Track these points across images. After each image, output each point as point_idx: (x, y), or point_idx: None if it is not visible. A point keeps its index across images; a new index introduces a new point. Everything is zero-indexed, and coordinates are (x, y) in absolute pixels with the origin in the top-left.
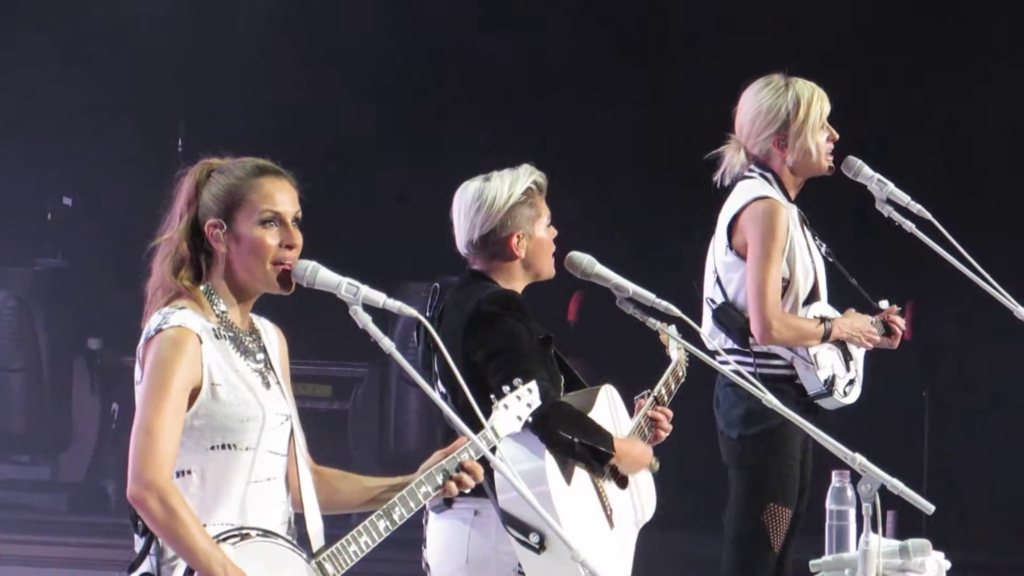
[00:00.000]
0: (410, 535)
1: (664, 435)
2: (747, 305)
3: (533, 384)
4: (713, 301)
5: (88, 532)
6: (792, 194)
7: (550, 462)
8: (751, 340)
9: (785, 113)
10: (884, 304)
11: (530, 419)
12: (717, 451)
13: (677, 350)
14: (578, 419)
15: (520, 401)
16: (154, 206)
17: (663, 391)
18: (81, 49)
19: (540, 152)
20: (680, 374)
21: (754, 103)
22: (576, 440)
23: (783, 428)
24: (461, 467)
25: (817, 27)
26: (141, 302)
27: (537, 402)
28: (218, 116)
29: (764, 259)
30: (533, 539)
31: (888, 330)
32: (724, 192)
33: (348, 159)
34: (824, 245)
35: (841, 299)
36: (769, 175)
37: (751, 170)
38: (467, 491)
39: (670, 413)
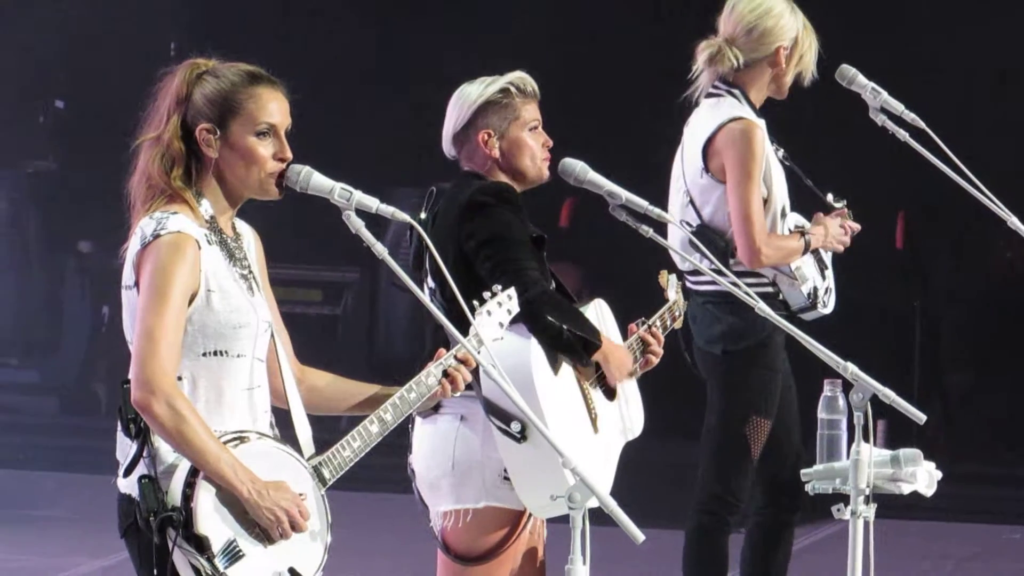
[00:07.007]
0: (399, 440)
1: (655, 360)
2: (726, 227)
3: (512, 291)
4: (689, 224)
5: (78, 435)
6: (757, 108)
7: (536, 359)
8: (731, 260)
9: (796, 31)
10: (831, 198)
11: (520, 307)
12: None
13: (676, 292)
14: (568, 308)
15: (501, 308)
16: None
17: (657, 323)
18: None
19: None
20: (676, 314)
21: (765, 11)
22: (565, 327)
23: (768, 342)
24: (456, 360)
25: None
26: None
27: (516, 308)
28: (212, 19)
29: (746, 183)
30: (515, 427)
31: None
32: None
33: (339, 67)
34: (781, 149)
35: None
36: (737, 91)
37: (716, 86)
38: (457, 394)
39: (662, 342)
